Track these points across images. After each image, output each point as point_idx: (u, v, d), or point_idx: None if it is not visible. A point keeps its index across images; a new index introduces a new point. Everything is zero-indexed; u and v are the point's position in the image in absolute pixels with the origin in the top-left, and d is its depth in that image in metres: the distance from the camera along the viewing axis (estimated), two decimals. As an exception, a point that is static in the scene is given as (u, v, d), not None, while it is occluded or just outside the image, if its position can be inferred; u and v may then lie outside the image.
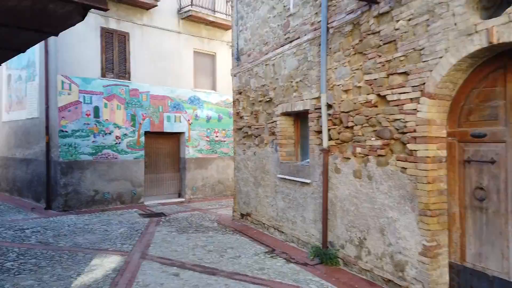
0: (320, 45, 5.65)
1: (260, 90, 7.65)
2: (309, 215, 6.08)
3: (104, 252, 6.13)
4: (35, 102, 10.45)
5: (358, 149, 4.96)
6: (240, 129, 8.54)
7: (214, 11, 12.33)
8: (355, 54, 5.01)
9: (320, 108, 5.68)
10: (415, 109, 4.09)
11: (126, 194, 10.62)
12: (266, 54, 7.29)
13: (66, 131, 9.58)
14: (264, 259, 5.80)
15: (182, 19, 11.79)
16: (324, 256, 5.40)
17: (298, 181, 6.35)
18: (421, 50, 4.04)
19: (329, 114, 5.51)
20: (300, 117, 6.84)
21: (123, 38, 10.62)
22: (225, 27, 12.52)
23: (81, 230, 7.64)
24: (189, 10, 11.46)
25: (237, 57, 8.56)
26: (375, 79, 4.67)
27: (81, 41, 9.81)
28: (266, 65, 7.38)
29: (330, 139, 5.52)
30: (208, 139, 12.49)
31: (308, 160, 6.40)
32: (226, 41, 12.84)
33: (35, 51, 10.36)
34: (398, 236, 4.34)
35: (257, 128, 7.81)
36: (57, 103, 9.47)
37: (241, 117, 8.49)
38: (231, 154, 12.94)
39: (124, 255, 5.95)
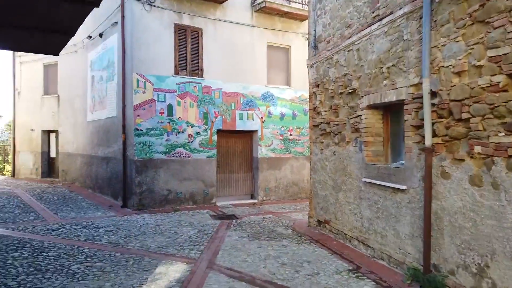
0: (421, 18, 4.55)
1: (340, 81, 6.69)
2: (404, 228, 4.99)
3: (170, 258, 5.70)
4: (114, 102, 10.67)
5: (477, 148, 3.79)
6: (317, 126, 7.65)
7: (289, 0, 11.57)
8: (472, 24, 3.85)
9: (420, 97, 4.58)
10: None
11: (199, 194, 10.34)
12: (349, 38, 6.31)
13: (141, 130, 9.55)
14: (347, 280, 4.87)
15: (255, 11, 11.22)
16: (427, 283, 4.30)
17: (389, 186, 5.29)
18: None
19: (433, 104, 4.39)
20: (391, 110, 5.75)
21: (196, 34, 10.36)
22: (300, 18, 11.68)
23: (151, 231, 7.40)
24: (262, 2, 10.85)
25: (314, 45, 7.68)
26: (505, 54, 3.48)
27: (155, 39, 9.73)
28: (348, 51, 6.40)
29: (434, 135, 4.40)
30: (281, 138, 11.77)
31: (402, 161, 5.30)
32: (302, 33, 11.99)
33: (114, 51, 10.57)
34: (543, 269, 3.14)
35: (337, 125, 6.86)
36: (133, 101, 9.48)
37: (319, 113, 7.59)
38: (307, 154, 12.07)
39: (191, 263, 5.45)
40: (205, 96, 10.46)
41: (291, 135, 11.97)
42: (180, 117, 10.07)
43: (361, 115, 6.03)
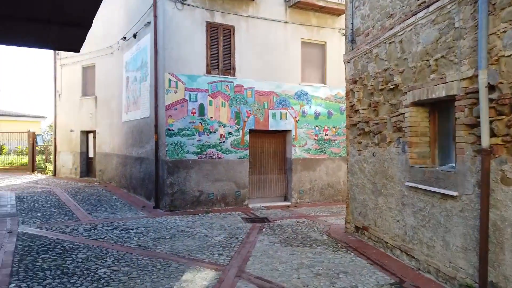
0: (476, 2, 4.01)
1: (381, 76, 6.18)
2: (455, 239, 4.44)
3: (198, 263, 5.46)
4: (147, 102, 10.66)
5: (549, 150, 3.23)
6: (355, 125, 7.16)
7: (324, -5, 11.09)
8: (542, 4, 3.29)
9: (475, 92, 4.03)
10: None
11: (230, 196, 10.11)
12: (391, 29, 5.79)
13: (173, 130, 9.45)
14: (390, 295, 4.40)
15: (289, 7, 10.83)
16: (484, 304, 3.76)
17: (437, 192, 4.75)
18: None
19: (491, 100, 3.84)
20: (438, 107, 5.19)
21: (228, 32, 10.13)
22: (336, 12, 11.16)
23: (181, 234, 7.22)
24: (296, -4, 10.45)
25: (352, 39, 7.19)
26: None
27: (187, 38, 9.59)
28: (390, 43, 5.88)
29: (492, 135, 3.84)
30: (316, 138, 11.30)
31: (452, 164, 4.75)
32: (338, 28, 11.47)
33: (147, 51, 10.55)
34: None
35: (376, 124, 6.35)
36: (165, 101, 9.40)
37: (356, 111, 7.10)
38: (343, 155, 11.52)
39: (219, 270, 5.17)
40: (237, 95, 10.20)
41: (327, 135, 11.47)
42: (211, 117, 9.88)
43: (404, 113, 5.50)
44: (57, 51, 16.17)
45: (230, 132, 10.09)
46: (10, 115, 26.13)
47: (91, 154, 15.73)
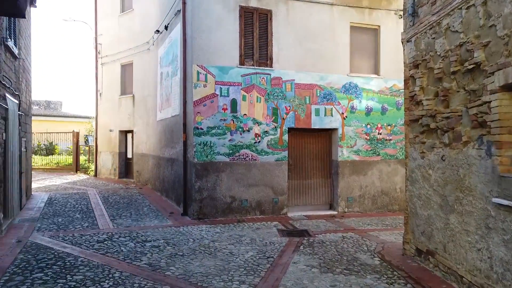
0: None
1: (453, 54, 4.65)
2: None
3: (211, 295, 4.34)
4: (177, 98, 9.80)
5: None
6: (417, 120, 5.65)
7: (376, -30, 9.53)
8: None
9: None
10: None
11: (267, 203, 8.91)
12: (469, -12, 4.26)
13: (201, 129, 8.45)
14: None
15: (334, -13, 9.42)
16: None
17: (547, 216, 3.20)
18: None
19: None
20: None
21: (265, 17, 8.94)
22: (392, -10, 9.55)
23: (203, 249, 6.16)
24: (343, -27, 9.02)
25: (412, 11, 5.68)
26: None
27: (218, 25, 8.56)
28: (468, 7, 4.35)
29: None
30: (367, 137, 9.75)
31: None
32: (394, 10, 9.85)
33: (178, 42, 9.67)
34: None
35: (446, 118, 4.83)
36: (193, 96, 8.43)
37: (418, 103, 5.58)
38: (400, 157, 9.87)
39: (234, 308, 4.00)
40: (275, 89, 8.98)
41: (380, 134, 9.87)
42: (245, 114, 8.76)
43: (490, 102, 3.97)
44: (98, 50, 16.02)
45: (266, 131, 8.90)
46: (59, 116, 27.09)
47: (130, 155, 15.33)
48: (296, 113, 9.15)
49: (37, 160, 19.87)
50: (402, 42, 6.09)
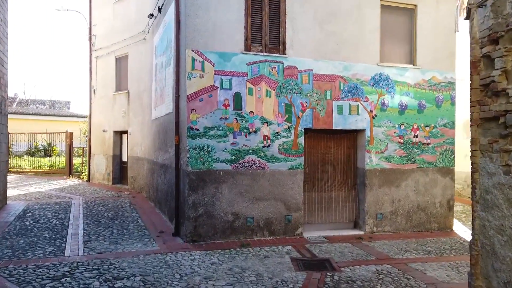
0: None
1: None
2: None
3: None
4: (171, 92, 8.18)
5: None
6: (495, 119, 3.89)
7: None
8: None
9: None
10: None
11: (278, 221, 7.22)
12: None
13: (197, 129, 6.81)
14: None
15: (362, -44, 7.69)
16: None
17: None
18: None
19: None
20: None
21: (276, -7, 7.27)
22: (433, -40, 7.78)
23: (190, 294, 4.51)
24: None
25: (491, -39, 3.92)
26: None
27: (218, 0, 6.91)
28: None
29: None
30: (401, 141, 8.00)
31: None
32: (434, -16, 8.07)
33: (172, 25, 8.03)
34: None
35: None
36: (186, 89, 6.79)
37: (499, 93, 3.82)
38: (439, 165, 8.12)
39: None
40: (288, 80, 7.29)
41: (416, 136, 8.10)
42: (251, 111, 7.09)
43: None
44: (92, 42, 14.53)
45: (277, 133, 7.22)
46: (56, 115, 25.80)
47: (125, 158, 13.78)
48: (314, 110, 7.44)
49: (31, 163, 18.52)
50: (470, 9, 4.33)
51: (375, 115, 7.83)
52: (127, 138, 13.27)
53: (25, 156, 19.72)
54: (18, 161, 18.67)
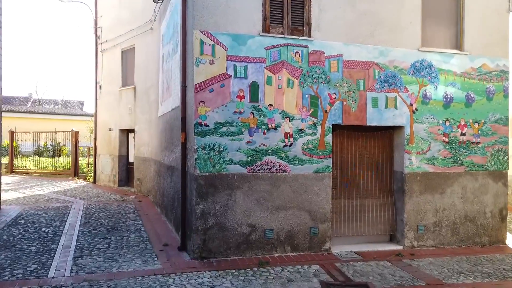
0: None
1: None
2: None
3: None
4: (177, 84, 7.15)
5: None
6: None
7: None
8: None
9: None
10: None
11: (301, 234, 6.11)
12: None
13: (206, 125, 5.75)
14: None
15: None
16: None
17: None
18: None
19: None
20: None
21: (299, -34, 6.15)
22: None
23: None
24: None
25: None
26: None
27: (231, -25, 5.84)
28: None
29: None
30: (446, 140, 6.79)
31: None
32: (485, -45, 6.84)
33: (179, 7, 6.98)
34: None
35: None
36: (194, 78, 5.74)
37: None
38: (491, 168, 6.95)
39: None
40: (314, 68, 6.17)
41: (464, 134, 6.89)
42: (270, 104, 5.99)
43: None
44: (98, 34, 13.65)
45: (301, 129, 6.11)
46: (67, 114, 25.15)
47: (132, 158, 12.84)
48: (344, 103, 6.31)
49: (37, 163, 17.81)
50: None
51: (416, 109, 6.65)
52: (134, 137, 12.32)
53: (32, 156, 19.03)
54: (24, 162, 17.97)
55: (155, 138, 10.06)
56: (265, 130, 5.95)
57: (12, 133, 17.79)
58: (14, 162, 17.50)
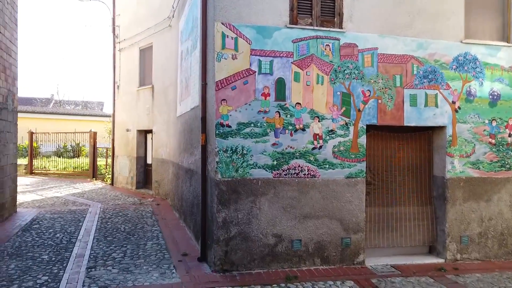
0: None
1: None
2: None
3: None
4: (197, 81, 6.70)
5: None
6: None
7: None
8: None
9: None
10: None
11: (332, 245, 5.55)
12: None
13: (228, 126, 5.27)
14: None
15: None
16: None
17: None
18: None
19: None
20: None
21: (329, -49, 5.60)
22: None
23: None
24: None
25: None
26: None
27: (255, -39, 5.34)
28: None
29: None
30: (492, 141, 6.12)
31: None
32: None
33: (198, 1, 6.55)
34: None
35: None
36: (215, 74, 5.27)
37: None
38: (551, 174, 6.16)
39: None
40: (346, 62, 5.61)
41: (511, 135, 6.21)
42: (298, 103, 5.46)
43: None
44: (116, 33, 13.40)
45: (332, 130, 5.55)
46: (86, 115, 25.15)
47: (150, 160, 12.52)
48: (379, 101, 5.72)
49: (56, 164, 17.76)
50: None
51: (459, 108, 6.00)
52: (152, 138, 11.99)
53: (52, 157, 19.02)
54: (44, 162, 17.95)
55: (174, 139, 9.67)
56: (292, 131, 5.42)
57: (31, 133, 17.80)
58: (33, 163, 17.50)
